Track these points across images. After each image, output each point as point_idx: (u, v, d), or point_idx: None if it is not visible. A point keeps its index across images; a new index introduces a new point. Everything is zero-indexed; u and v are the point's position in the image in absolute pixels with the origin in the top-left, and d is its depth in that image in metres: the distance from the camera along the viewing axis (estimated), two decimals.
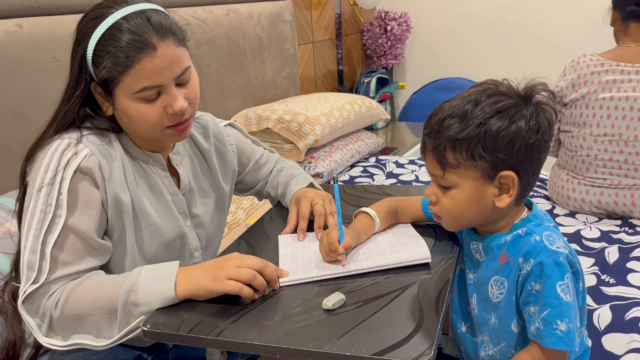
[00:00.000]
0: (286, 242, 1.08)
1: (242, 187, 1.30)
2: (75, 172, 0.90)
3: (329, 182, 2.13)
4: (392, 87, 3.45)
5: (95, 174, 0.92)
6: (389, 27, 3.40)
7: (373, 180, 2.25)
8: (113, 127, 0.98)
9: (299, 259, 1.00)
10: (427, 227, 1.09)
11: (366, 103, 2.49)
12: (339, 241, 0.95)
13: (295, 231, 1.11)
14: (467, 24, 3.40)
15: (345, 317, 0.83)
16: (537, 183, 2.09)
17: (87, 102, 0.95)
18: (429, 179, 0.94)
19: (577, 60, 1.80)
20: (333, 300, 0.85)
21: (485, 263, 0.93)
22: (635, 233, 1.65)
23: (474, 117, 0.82)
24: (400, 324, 0.80)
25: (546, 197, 1.97)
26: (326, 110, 2.26)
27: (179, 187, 1.07)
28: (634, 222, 1.72)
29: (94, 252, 0.92)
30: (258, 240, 1.13)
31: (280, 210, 1.25)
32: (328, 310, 0.84)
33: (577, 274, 0.87)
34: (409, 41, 3.56)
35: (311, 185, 1.23)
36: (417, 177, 2.23)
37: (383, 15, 3.43)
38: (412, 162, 2.42)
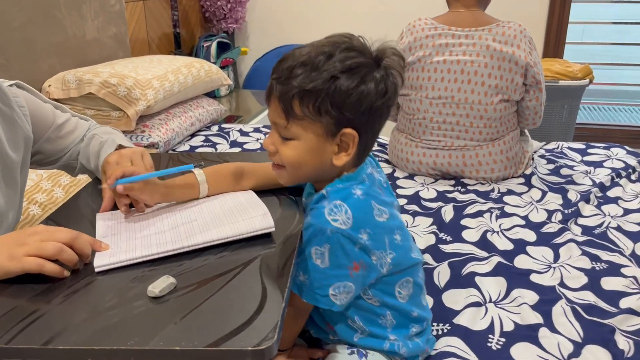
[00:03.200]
0: (105, 221, 0.91)
1: (42, 159, 1.09)
2: None
3: (167, 152, 1.95)
4: (234, 53, 3.29)
5: None
6: None
7: (216, 149, 2.11)
8: None
9: (121, 239, 0.85)
10: (271, 195, 1.00)
11: (205, 67, 2.32)
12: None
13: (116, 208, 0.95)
14: None
15: (174, 305, 0.71)
16: (379, 148, 2.13)
17: None
18: None
19: (413, 24, 1.83)
20: (161, 285, 0.72)
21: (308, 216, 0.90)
22: (467, 192, 1.73)
23: (325, 70, 0.79)
24: (239, 307, 0.70)
25: (387, 161, 2.00)
26: (160, 73, 2.05)
27: None
28: (466, 181, 1.81)
29: None
30: (71, 220, 0.94)
31: (99, 184, 1.07)
32: (155, 298, 0.71)
33: (365, 250, 0.84)
34: (250, 4, 3.42)
35: (120, 147, 1.06)
36: (262, 145, 2.14)
37: None
38: (257, 130, 2.32)
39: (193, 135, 2.26)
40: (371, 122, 0.84)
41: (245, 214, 0.88)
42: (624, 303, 1.16)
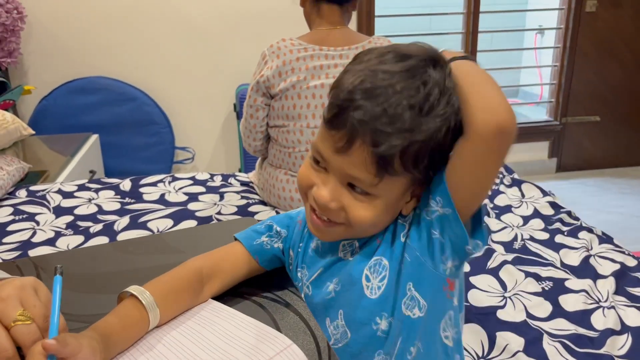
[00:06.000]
0: None
1: None
2: None
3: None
4: (15, 93, 2.63)
5: None
6: None
7: (37, 223, 1.58)
8: None
9: None
10: (239, 297, 0.68)
11: None
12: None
13: None
14: (98, 14, 2.86)
15: None
16: (242, 188, 1.84)
17: None
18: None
19: (277, 46, 1.60)
20: None
21: (359, 256, 0.68)
22: None
23: (439, 116, 0.57)
24: None
25: (263, 203, 1.73)
26: None
27: None
28: None
29: None
30: None
31: None
32: None
33: None
34: (25, 34, 2.79)
35: None
36: (100, 207, 1.67)
37: None
38: (83, 187, 1.83)
39: None
40: None
41: (259, 354, 0.55)
42: (597, 323, 1.10)
